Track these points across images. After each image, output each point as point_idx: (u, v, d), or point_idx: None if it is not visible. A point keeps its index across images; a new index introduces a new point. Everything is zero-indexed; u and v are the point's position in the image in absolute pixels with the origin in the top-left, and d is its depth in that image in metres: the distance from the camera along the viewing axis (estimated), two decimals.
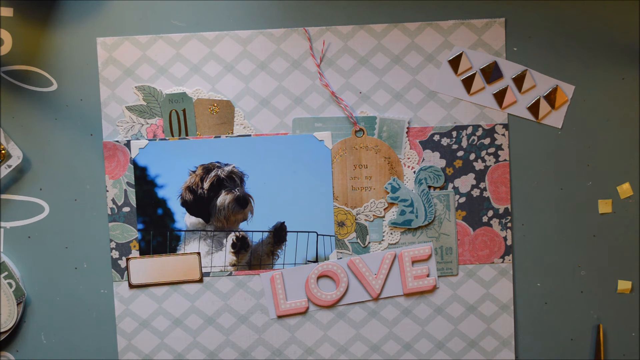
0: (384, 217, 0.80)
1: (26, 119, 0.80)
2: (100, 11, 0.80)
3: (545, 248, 0.81)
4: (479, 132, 0.80)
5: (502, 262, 0.80)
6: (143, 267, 0.80)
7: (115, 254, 0.81)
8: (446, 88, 0.80)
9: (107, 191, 0.80)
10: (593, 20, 0.79)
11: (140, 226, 0.80)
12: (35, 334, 0.82)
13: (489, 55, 0.80)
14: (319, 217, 0.80)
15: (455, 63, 0.80)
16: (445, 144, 0.80)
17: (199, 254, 0.81)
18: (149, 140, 0.80)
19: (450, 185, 0.80)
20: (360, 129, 0.80)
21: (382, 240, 0.80)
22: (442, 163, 0.80)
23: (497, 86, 0.80)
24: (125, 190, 0.80)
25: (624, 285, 0.81)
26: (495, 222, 0.80)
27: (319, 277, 0.81)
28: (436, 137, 0.80)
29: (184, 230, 0.80)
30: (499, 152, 0.80)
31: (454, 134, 0.80)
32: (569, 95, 0.80)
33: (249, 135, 0.80)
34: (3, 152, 0.78)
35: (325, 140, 0.80)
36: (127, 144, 0.80)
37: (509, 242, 0.80)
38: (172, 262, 0.80)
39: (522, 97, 0.80)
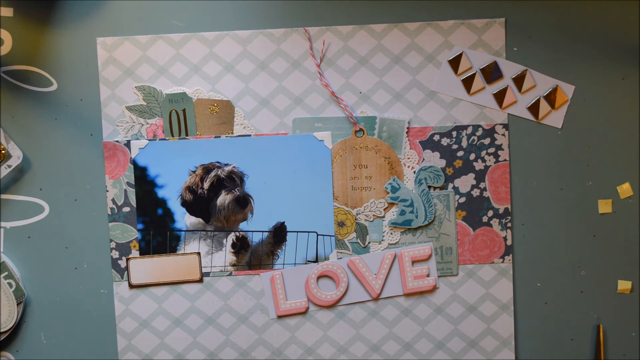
0: (384, 217, 0.80)
1: (26, 119, 0.80)
2: (100, 11, 0.80)
3: (545, 248, 0.81)
4: (479, 132, 0.80)
5: (502, 262, 0.80)
6: (143, 267, 0.80)
7: (115, 254, 0.80)
8: (446, 88, 0.80)
9: (107, 191, 0.80)
10: (593, 20, 0.79)
11: (140, 226, 0.80)
12: (35, 334, 0.81)
13: (489, 55, 0.80)
14: (319, 217, 0.80)
15: (455, 63, 0.80)
16: (445, 144, 0.80)
17: (199, 254, 0.81)
18: (149, 140, 0.80)
19: (450, 185, 0.80)
20: (360, 129, 0.80)
21: (382, 240, 0.80)
22: (442, 163, 0.80)
23: (497, 86, 0.80)
24: (125, 190, 0.80)
25: (624, 285, 0.80)
26: (495, 222, 0.80)
27: (319, 277, 0.81)
28: (436, 137, 0.80)
29: (184, 230, 0.80)
30: (499, 152, 0.80)
31: (454, 134, 0.80)
32: (569, 95, 0.80)
33: (249, 135, 0.80)
34: (3, 152, 0.78)
35: (325, 140, 0.80)
36: (127, 144, 0.80)
37: (509, 242, 0.80)
38: (172, 262, 0.80)
39: (522, 97, 0.80)
